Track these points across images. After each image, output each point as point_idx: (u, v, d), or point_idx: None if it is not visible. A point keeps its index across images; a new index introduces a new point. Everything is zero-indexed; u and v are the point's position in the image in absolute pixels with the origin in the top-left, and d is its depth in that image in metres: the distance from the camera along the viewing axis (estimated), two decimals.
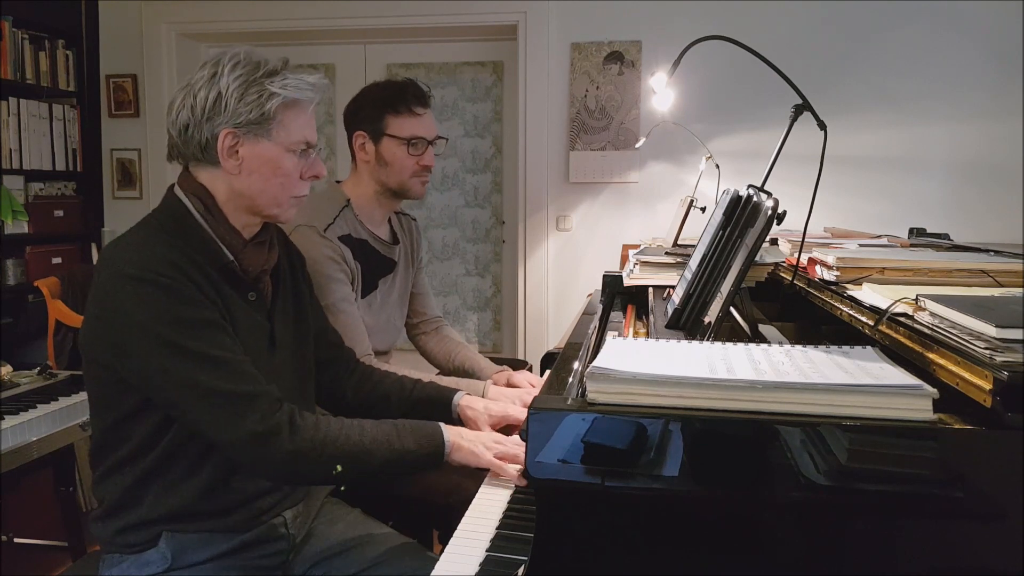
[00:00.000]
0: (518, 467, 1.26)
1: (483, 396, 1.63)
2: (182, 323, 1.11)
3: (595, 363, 0.86)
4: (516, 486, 1.26)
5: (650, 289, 1.73)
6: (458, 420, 1.47)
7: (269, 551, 1.28)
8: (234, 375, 1.13)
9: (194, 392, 1.11)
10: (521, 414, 1.47)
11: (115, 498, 1.21)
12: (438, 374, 1.96)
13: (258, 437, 1.11)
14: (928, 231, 2.30)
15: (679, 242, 2.50)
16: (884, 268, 1.29)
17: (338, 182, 1.86)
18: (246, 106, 1.17)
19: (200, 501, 1.20)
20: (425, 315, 2.07)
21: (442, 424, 1.28)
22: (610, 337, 1.17)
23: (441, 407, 1.49)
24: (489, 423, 1.45)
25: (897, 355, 0.93)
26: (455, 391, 1.51)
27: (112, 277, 1.13)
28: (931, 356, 0.88)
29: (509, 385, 1.78)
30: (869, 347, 0.95)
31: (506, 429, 1.46)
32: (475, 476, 1.32)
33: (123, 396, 1.17)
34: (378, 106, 1.77)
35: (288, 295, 1.36)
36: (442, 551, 1.07)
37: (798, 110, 1.48)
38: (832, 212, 3.13)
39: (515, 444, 1.30)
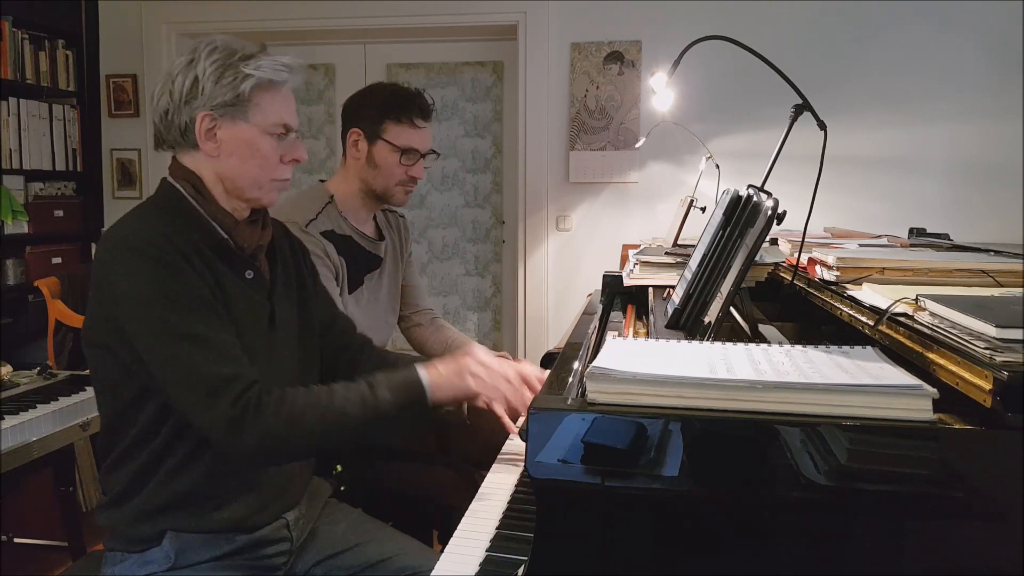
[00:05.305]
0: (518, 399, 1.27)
1: None
2: (171, 298, 1.13)
3: (595, 363, 0.86)
4: (517, 485, 1.26)
5: (650, 289, 1.73)
6: None
7: (271, 552, 1.28)
8: (215, 355, 1.13)
9: (175, 370, 1.12)
10: (481, 351, 1.41)
11: (120, 488, 1.22)
12: None
13: (231, 422, 1.10)
14: (928, 231, 2.30)
15: (679, 242, 2.49)
16: (884, 268, 1.29)
17: (322, 181, 1.88)
18: (221, 88, 1.20)
19: (203, 487, 1.20)
20: (417, 307, 2.06)
21: (418, 364, 1.25)
22: (610, 337, 1.17)
23: None
24: None
25: (897, 355, 0.93)
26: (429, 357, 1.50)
27: (108, 250, 1.16)
28: (931, 356, 0.88)
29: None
30: (869, 347, 0.95)
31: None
32: (475, 476, 1.32)
33: (125, 382, 1.18)
34: (381, 109, 1.79)
35: (291, 280, 1.37)
36: (442, 551, 1.07)
37: (798, 110, 1.48)
38: (832, 212, 3.12)
39: (497, 362, 1.29)
